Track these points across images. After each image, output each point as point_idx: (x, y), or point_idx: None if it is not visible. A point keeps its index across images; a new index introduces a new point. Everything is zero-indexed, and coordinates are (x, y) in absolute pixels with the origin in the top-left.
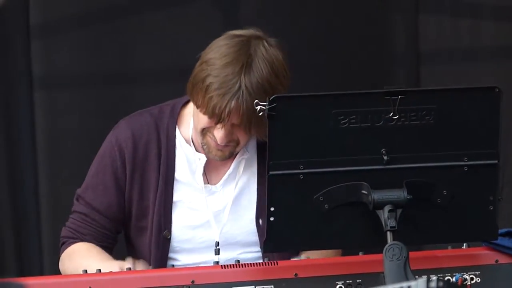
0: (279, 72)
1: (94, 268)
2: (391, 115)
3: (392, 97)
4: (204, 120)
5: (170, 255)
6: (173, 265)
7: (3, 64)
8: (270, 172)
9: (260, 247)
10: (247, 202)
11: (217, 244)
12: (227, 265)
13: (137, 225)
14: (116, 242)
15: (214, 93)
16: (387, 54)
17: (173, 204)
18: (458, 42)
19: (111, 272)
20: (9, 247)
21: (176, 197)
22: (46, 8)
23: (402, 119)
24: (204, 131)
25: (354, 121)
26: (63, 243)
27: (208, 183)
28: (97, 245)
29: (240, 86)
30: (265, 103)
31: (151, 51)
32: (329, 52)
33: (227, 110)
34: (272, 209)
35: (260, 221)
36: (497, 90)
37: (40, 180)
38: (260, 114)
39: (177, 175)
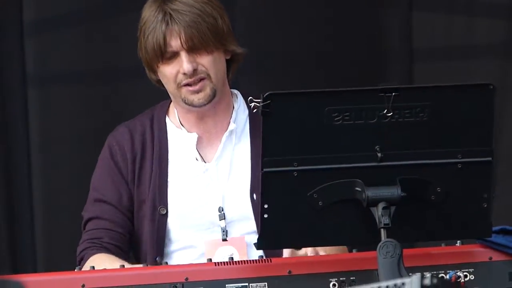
0: None
1: None
2: (385, 112)
3: (386, 94)
4: (165, 70)
5: (171, 235)
6: (166, 262)
7: None
8: (264, 169)
9: (255, 223)
10: (242, 176)
11: (221, 209)
12: (221, 263)
13: (138, 215)
14: (131, 248)
15: (147, 33)
16: (381, 51)
17: (168, 184)
18: (452, 39)
19: (104, 269)
20: (3, 244)
21: (171, 177)
22: (39, 6)
23: (396, 116)
24: (177, 84)
25: (348, 118)
26: (82, 257)
27: (203, 161)
28: (115, 246)
29: (165, 12)
30: (259, 100)
31: None
32: (322, 49)
33: (161, 36)
34: (266, 206)
35: (254, 196)
36: (491, 87)
37: (34, 178)
38: (206, 36)
39: (170, 156)
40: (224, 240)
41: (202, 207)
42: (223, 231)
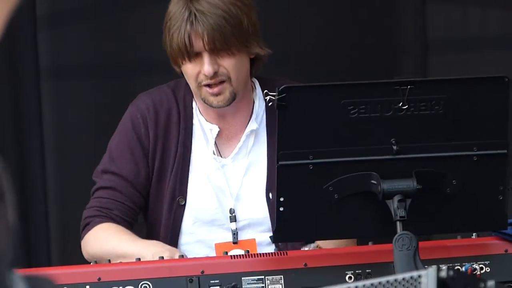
0: None
1: (125, 250)
2: (400, 105)
3: (402, 87)
4: (188, 68)
5: (185, 227)
6: (182, 256)
7: (10, 56)
8: (280, 162)
9: (270, 222)
10: (258, 175)
11: (232, 211)
12: (237, 256)
13: (154, 193)
14: (137, 221)
15: (172, 31)
16: (395, 43)
17: (189, 173)
18: (467, 31)
19: (120, 263)
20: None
21: (192, 165)
22: (52, 0)
23: (411, 109)
24: (198, 83)
25: (363, 111)
26: (87, 223)
27: (220, 156)
28: (123, 220)
29: (190, 11)
30: (275, 93)
31: (159, 42)
32: (336, 41)
33: (186, 36)
34: (281, 199)
35: (270, 195)
36: (506, 79)
37: (47, 170)
38: (229, 36)
39: (194, 143)
40: (235, 243)
41: (217, 204)
42: (234, 233)
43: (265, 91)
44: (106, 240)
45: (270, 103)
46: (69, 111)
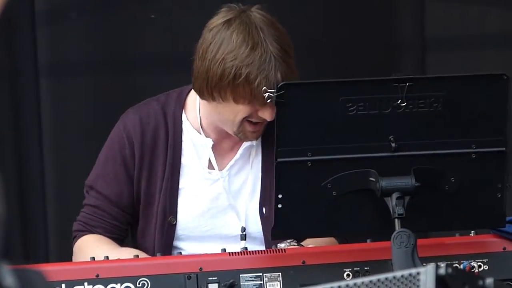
0: (281, 28)
1: (101, 257)
2: (399, 102)
3: (400, 84)
4: (244, 109)
5: (176, 243)
6: (180, 253)
7: (9, 51)
8: (278, 159)
9: (263, 236)
10: (252, 189)
11: (243, 229)
12: (235, 253)
13: (144, 213)
14: (127, 235)
15: (258, 80)
16: (394, 40)
17: (179, 190)
18: (466, 29)
19: (118, 260)
20: (15, 233)
21: (182, 183)
22: None
23: (410, 106)
24: (243, 120)
25: (362, 108)
26: (74, 237)
27: (215, 169)
28: (108, 237)
29: (273, 58)
30: (273, 90)
31: (159, 39)
32: (335, 39)
33: (274, 85)
34: (280, 196)
35: (264, 210)
36: (505, 77)
37: (46, 168)
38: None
39: (183, 160)
40: None
41: (209, 220)
42: None
43: (264, 88)
44: (88, 251)
45: (269, 100)
46: (68, 107)
